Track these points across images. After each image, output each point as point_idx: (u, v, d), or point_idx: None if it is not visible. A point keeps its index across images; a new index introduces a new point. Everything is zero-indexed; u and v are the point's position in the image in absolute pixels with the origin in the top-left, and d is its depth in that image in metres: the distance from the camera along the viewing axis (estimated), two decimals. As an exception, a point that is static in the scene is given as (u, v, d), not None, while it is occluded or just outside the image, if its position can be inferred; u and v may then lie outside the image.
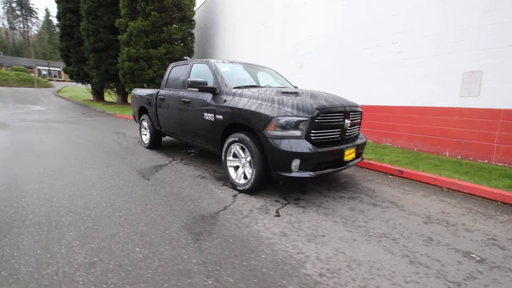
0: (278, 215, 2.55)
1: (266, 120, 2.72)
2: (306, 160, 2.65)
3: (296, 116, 2.65)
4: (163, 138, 5.74)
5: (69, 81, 35.98)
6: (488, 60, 4.05)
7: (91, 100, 17.91)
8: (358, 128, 3.37)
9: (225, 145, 3.23)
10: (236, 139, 3.05)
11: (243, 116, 2.97)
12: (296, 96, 2.98)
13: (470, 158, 4.38)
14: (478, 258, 1.95)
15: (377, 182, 3.64)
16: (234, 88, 3.37)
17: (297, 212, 2.62)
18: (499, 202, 2.98)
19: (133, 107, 6.03)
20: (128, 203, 2.74)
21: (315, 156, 2.67)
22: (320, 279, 1.67)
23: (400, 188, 3.41)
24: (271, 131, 2.70)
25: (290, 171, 2.66)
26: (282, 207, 2.74)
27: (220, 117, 3.27)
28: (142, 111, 5.66)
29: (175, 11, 12.47)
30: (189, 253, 1.90)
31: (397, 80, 5.30)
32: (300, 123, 2.65)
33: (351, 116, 3.06)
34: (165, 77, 4.75)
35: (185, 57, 13.56)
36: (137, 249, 1.93)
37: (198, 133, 3.80)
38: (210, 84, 3.55)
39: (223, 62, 3.87)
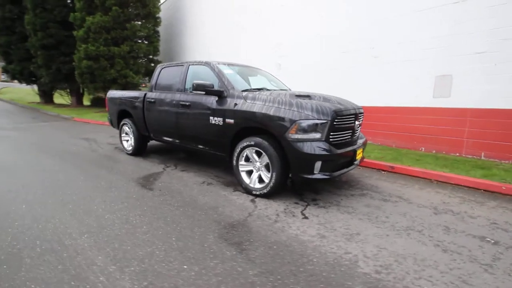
0: (306, 217, 2.58)
1: (287, 123, 2.73)
2: (327, 162, 2.73)
3: (317, 119, 2.71)
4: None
5: (3, 81, 31.40)
6: (457, 65, 4.61)
7: (38, 103, 15.88)
8: (360, 129, 3.57)
9: (237, 150, 3.16)
10: (252, 143, 3.00)
11: (259, 120, 2.94)
12: (310, 99, 3.05)
13: (443, 152, 4.93)
14: (493, 241, 2.22)
15: (376, 178, 3.89)
16: (242, 91, 3.31)
17: (321, 213, 2.69)
18: (482, 190, 3.42)
19: (110, 110, 5.53)
20: (144, 217, 2.52)
21: (335, 157, 2.77)
22: (380, 276, 1.74)
23: (397, 183, 3.70)
24: (292, 135, 2.72)
25: (313, 173, 2.72)
26: (305, 209, 2.79)
27: (231, 121, 3.18)
28: (122, 115, 5.22)
29: (138, 6, 11.71)
30: (241, 265, 1.83)
31: (375, 83, 5.72)
32: (321, 126, 2.72)
33: (359, 117, 3.23)
34: (154, 79, 4.45)
35: (150, 56, 12.85)
36: (185, 266, 1.79)
37: (201, 138, 3.65)
38: (215, 87, 3.43)
39: (224, 64, 3.77)
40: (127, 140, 5.20)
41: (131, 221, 2.43)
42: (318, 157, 2.67)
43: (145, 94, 4.54)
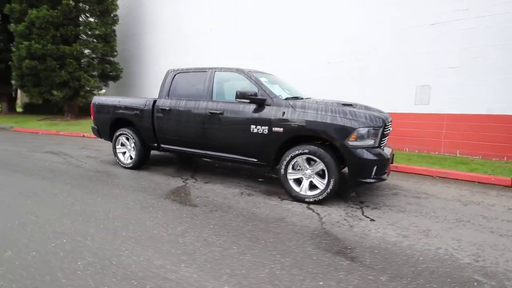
0: (372, 220, 2.74)
1: (347, 131, 2.86)
2: (381, 166, 2.96)
3: (373, 127, 2.91)
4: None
5: None
6: (434, 77, 5.43)
7: (-51, 110, 12.76)
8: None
9: (287, 158, 3.15)
10: (306, 151, 3.04)
11: (316, 128, 3.00)
12: (354, 107, 3.24)
13: (425, 151, 5.73)
14: (523, 224, 2.73)
15: (390, 178, 4.30)
16: (285, 99, 3.33)
17: (381, 214, 2.88)
18: (476, 182, 4.10)
19: (98, 119, 4.88)
20: (221, 236, 2.34)
21: (387, 162, 3.01)
22: (481, 264, 1.99)
23: (410, 181, 4.17)
24: (351, 142, 2.87)
25: (371, 177, 2.91)
26: (363, 212, 2.95)
27: (280, 129, 3.16)
28: (118, 124, 4.64)
29: (94, 2, 10.49)
30: (367, 272, 1.87)
31: (362, 91, 6.30)
32: (375, 133, 2.94)
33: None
34: (167, 85, 4.09)
35: (107, 58, 11.58)
36: (321, 282, 1.75)
37: (238, 147, 3.51)
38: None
39: (256, 72, 3.72)
40: (124, 153, 4.65)
41: (213, 242, 2.23)
42: (375, 162, 2.87)
43: (155, 101, 4.14)
